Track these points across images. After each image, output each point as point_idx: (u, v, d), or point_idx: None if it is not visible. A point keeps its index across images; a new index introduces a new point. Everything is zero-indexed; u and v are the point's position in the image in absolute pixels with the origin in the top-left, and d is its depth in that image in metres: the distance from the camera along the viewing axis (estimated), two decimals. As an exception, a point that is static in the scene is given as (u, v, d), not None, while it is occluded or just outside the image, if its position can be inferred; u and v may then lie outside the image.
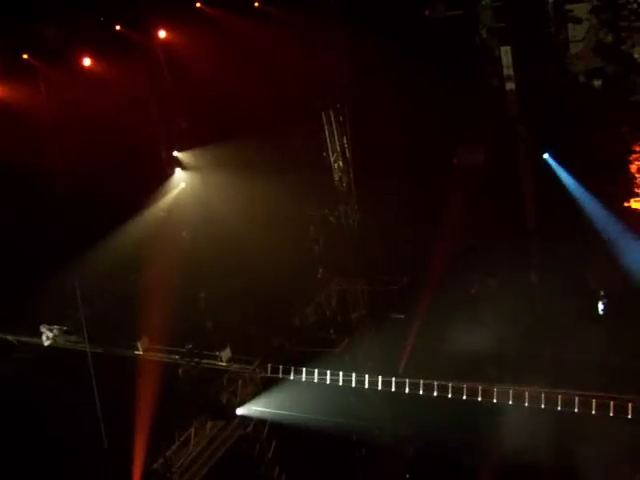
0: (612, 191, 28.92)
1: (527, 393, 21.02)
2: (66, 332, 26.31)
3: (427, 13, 30.80)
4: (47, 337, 26.56)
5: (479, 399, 21.70)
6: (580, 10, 29.33)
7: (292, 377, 23.92)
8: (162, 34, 28.62)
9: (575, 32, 29.69)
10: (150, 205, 29.42)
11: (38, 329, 26.46)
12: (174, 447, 22.17)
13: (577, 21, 29.49)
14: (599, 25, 29.26)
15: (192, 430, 22.65)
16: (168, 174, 30.82)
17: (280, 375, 24.07)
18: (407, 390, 22.64)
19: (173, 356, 24.80)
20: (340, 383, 23.49)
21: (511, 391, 21.29)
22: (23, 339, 26.52)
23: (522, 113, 30.28)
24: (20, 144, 24.80)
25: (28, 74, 25.38)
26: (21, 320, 25.94)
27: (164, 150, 30.66)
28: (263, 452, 24.36)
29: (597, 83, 29.91)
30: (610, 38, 29.31)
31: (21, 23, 24.54)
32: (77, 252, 25.22)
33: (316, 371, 23.79)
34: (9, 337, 26.41)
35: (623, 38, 29.07)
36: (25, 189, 25.53)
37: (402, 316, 28.54)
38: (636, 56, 28.71)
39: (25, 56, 25.43)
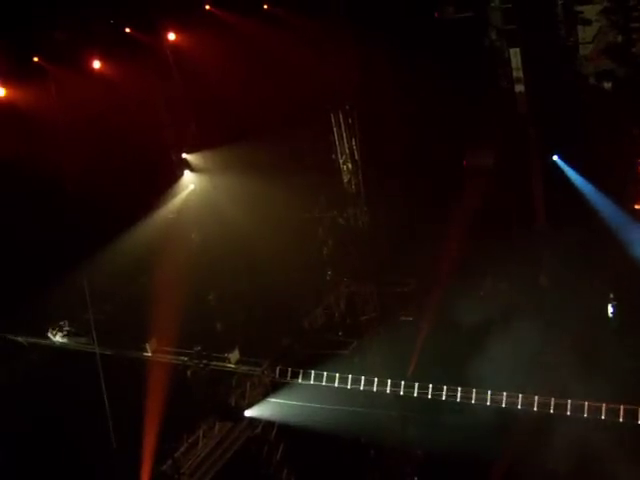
0: (621, 193, 28.81)
1: (536, 398, 21.02)
2: (76, 334, 26.39)
3: (436, 15, 30.80)
4: (57, 339, 26.64)
5: (488, 403, 21.72)
6: (590, 12, 29.24)
7: (300, 380, 23.98)
8: (172, 36, 28.67)
9: (585, 34, 29.61)
10: (159, 207, 29.45)
11: (48, 331, 26.54)
12: (182, 448, 22.27)
13: (587, 23, 29.40)
14: (609, 27, 29.14)
15: (200, 432, 22.74)
16: (177, 176, 30.85)
17: (288, 378, 24.13)
18: (416, 394, 22.67)
19: (182, 358, 24.85)
20: (349, 386, 23.53)
21: (520, 396, 21.30)
22: (33, 340, 26.60)
23: (531, 115, 30.21)
24: (31, 146, 24.88)
25: (39, 76, 25.45)
26: (31, 322, 26.03)
27: (173, 152, 30.68)
28: (271, 454, 24.40)
29: (607, 85, 29.81)
30: (620, 40, 29.19)
31: (31, 26, 24.61)
32: (86, 254, 25.27)
33: (325, 374, 23.81)
34: (19, 338, 26.51)
35: (633, 40, 28.95)
36: (35, 191, 25.58)
37: (411, 318, 28.52)
38: (646, 58, 28.65)
39: (36, 59, 25.50)
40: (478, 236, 28.16)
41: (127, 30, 27.61)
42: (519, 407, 21.34)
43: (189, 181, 31.15)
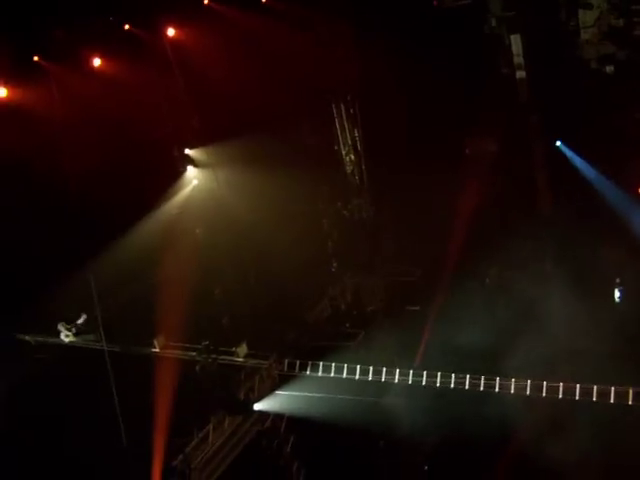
0: (625, 177, 28.72)
1: (545, 384, 21.04)
2: (84, 331, 26.43)
3: (435, 3, 30.70)
4: (65, 336, 26.70)
5: (496, 390, 21.76)
6: (591, -5, 29.12)
7: (308, 372, 24.05)
8: (171, 32, 28.62)
9: (586, 18, 29.46)
10: (163, 203, 29.48)
11: (54, 329, 26.57)
12: (193, 443, 22.30)
13: (588, 7, 29.24)
14: (610, 10, 28.99)
15: (210, 426, 22.75)
16: (180, 172, 30.87)
17: (297, 370, 24.20)
18: (424, 382, 22.72)
19: (190, 353, 24.89)
20: (357, 377, 23.58)
21: (529, 382, 21.32)
22: (40, 339, 26.67)
23: (533, 101, 30.14)
24: (33, 145, 24.87)
25: (39, 76, 25.44)
26: (38, 320, 26.08)
27: (176, 148, 30.67)
28: (281, 447, 24.46)
29: (609, 69, 29.67)
30: (621, 23, 29.04)
31: (31, 25, 24.59)
32: (91, 251, 25.30)
33: (333, 365, 23.87)
34: (27, 337, 26.58)
35: (634, 22, 28.81)
36: (39, 190, 25.61)
37: (417, 308, 28.53)
38: (648, 40, 28.50)
39: (36, 58, 25.49)
40: (482, 224, 28.19)
41: (127, 27, 27.57)
42: (528, 393, 21.39)
43: (192, 176, 31.17)
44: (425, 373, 22.87)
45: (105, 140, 27.18)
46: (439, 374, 22.55)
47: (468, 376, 22.17)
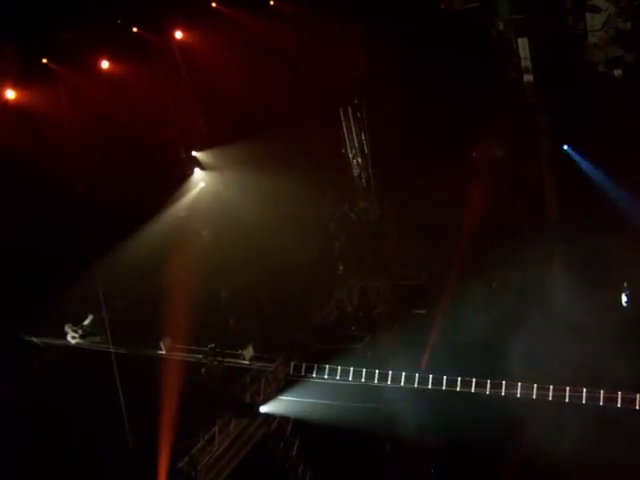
0: (633, 180, 28.64)
1: (551, 387, 20.98)
2: (90, 333, 26.49)
3: (443, 6, 30.71)
4: (72, 337, 26.76)
5: (503, 394, 21.71)
6: (598, -1, 29.09)
7: (314, 375, 24.04)
8: (179, 35, 28.74)
9: (594, 21, 29.45)
10: (170, 205, 29.56)
11: (62, 330, 26.63)
12: (199, 445, 22.32)
13: (595, 10, 29.21)
14: (618, 13, 28.94)
15: (216, 428, 22.77)
16: (187, 174, 30.95)
17: (302, 373, 24.19)
18: (430, 386, 22.68)
19: (196, 355, 24.92)
20: (363, 380, 23.57)
21: (535, 386, 21.27)
22: (48, 341, 26.73)
23: (541, 104, 30.09)
24: (42, 148, 24.97)
25: (48, 78, 25.54)
26: (45, 322, 26.13)
27: (183, 150, 30.77)
28: (287, 449, 24.45)
29: (617, 72, 29.61)
30: (629, 26, 28.99)
31: (39, 28, 24.71)
32: (98, 254, 25.35)
33: (339, 369, 23.85)
34: (34, 339, 26.65)
35: (643, 26, 28.78)
36: (47, 193, 25.68)
37: (424, 311, 28.49)
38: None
39: (44, 60, 25.61)
40: (489, 227, 28.15)
41: (134, 30, 27.69)
42: (534, 397, 21.34)
43: (199, 179, 31.25)
44: (431, 377, 22.82)
45: (113, 142, 27.28)
46: (445, 378, 22.51)
47: (474, 380, 22.12)
